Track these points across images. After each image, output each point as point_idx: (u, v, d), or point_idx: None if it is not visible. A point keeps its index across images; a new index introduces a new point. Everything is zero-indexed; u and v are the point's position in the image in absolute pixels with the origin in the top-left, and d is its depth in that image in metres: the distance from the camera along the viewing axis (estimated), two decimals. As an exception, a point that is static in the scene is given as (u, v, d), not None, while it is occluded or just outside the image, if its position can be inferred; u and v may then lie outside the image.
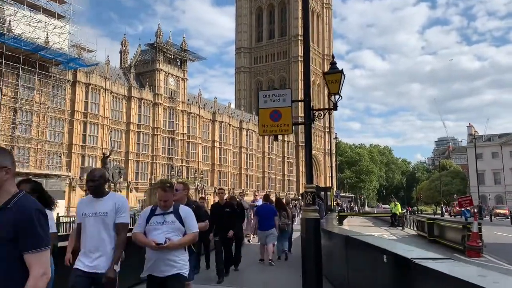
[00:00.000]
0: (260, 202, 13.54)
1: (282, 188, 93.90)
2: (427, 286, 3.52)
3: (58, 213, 22.66)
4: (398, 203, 27.14)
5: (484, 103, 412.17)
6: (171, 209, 4.15)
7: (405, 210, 30.60)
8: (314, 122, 6.31)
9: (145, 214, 4.22)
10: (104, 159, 39.75)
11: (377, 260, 4.80)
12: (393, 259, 4.36)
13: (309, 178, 6.24)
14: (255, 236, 13.83)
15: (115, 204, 3.97)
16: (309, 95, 6.42)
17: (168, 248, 3.96)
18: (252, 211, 14.43)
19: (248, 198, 78.83)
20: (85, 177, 40.12)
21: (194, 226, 4.17)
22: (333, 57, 6.66)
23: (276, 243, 11.09)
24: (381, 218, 33.93)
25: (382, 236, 19.15)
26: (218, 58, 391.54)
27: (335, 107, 6.54)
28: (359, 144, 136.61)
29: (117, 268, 3.85)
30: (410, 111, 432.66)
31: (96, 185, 4.04)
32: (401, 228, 24.64)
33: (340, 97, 6.49)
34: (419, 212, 47.40)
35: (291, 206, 16.66)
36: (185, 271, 4.08)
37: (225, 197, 9.89)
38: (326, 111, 6.78)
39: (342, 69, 6.38)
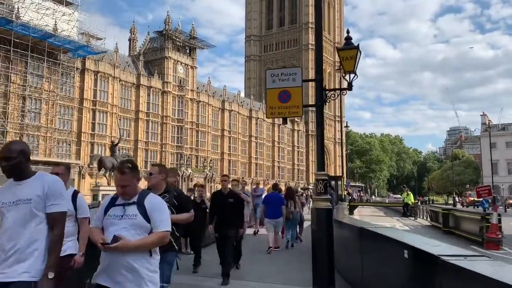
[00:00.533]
0: (262, 191, 13.18)
1: (292, 177, 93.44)
2: (460, 289, 3.00)
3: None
4: (410, 192, 26.53)
5: (497, 93, 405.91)
6: (134, 199, 3.05)
7: (417, 200, 29.94)
8: (326, 104, 5.75)
9: (105, 204, 3.15)
10: (113, 147, 39.46)
11: (396, 255, 4.29)
12: (416, 255, 3.84)
13: (320, 165, 5.72)
14: (262, 227, 13.72)
15: (44, 188, 2.90)
16: (321, 73, 5.87)
17: (118, 250, 2.85)
18: (252, 200, 14.04)
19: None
20: (94, 165, 39.89)
21: (162, 223, 3.00)
22: (347, 32, 6.06)
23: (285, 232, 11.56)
24: (393, 208, 33.33)
25: (394, 226, 18.62)
26: (228, 47, 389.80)
27: (350, 86, 5.98)
28: (369, 134, 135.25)
29: (51, 275, 2.76)
30: (421, 100, 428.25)
31: (13, 164, 2.90)
32: (413, 218, 24.06)
33: (356, 76, 5.92)
34: (431, 202, 46.67)
35: (298, 194, 15.76)
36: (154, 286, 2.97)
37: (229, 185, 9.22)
38: (339, 91, 6.20)
39: (358, 44, 5.80)
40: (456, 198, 52.74)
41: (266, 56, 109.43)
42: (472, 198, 45.71)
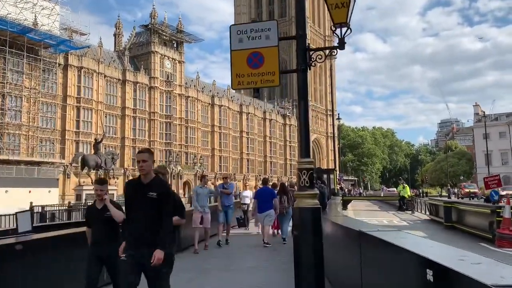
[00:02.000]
0: (231, 187, 11.99)
1: (284, 173, 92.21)
2: None
3: (69, 202, 21.08)
4: (406, 185, 25.30)
5: (486, 85, 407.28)
6: None
7: (413, 193, 28.73)
8: (311, 69, 4.37)
9: None
10: (96, 144, 37.81)
11: (413, 275, 2.96)
12: (448, 279, 2.47)
13: (305, 150, 4.36)
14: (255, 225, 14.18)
15: None
16: (304, 28, 4.50)
17: None
18: (219, 200, 11.12)
19: (252, 183, 77.40)
20: (76, 164, 38.13)
21: None
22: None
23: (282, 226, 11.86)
24: (388, 201, 32.14)
25: (392, 222, 17.37)
26: (218, 43, 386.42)
27: (341, 44, 4.59)
28: (361, 127, 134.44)
29: None
30: (411, 94, 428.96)
31: None
32: (410, 212, 22.85)
33: (349, 30, 4.54)
34: (425, 195, 45.67)
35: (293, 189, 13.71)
36: None
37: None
38: (329, 52, 4.77)
39: (352, -13, 4.41)
40: (451, 190, 51.71)
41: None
42: (467, 190, 44.66)
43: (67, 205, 31.44)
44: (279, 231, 12.41)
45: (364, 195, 60.48)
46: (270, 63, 4.43)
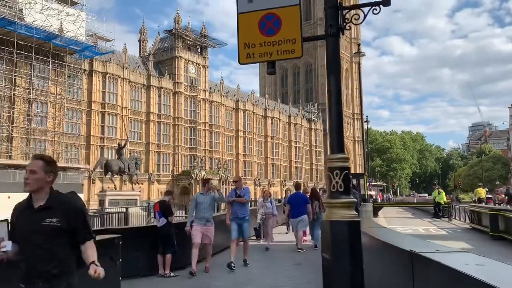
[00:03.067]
0: (248, 192, 9.17)
1: (310, 178, 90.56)
2: None
3: None
4: (442, 191, 23.58)
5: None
6: None
7: (450, 199, 26.89)
8: (343, 34, 3.24)
9: None
10: (119, 149, 37.41)
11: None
12: None
13: (337, 143, 3.24)
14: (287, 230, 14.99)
15: None
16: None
17: None
18: (228, 208, 9.73)
19: (275, 189, 76.14)
20: (99, 169, 37.86)
21: None
22: None
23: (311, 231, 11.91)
24: (421, 208, 30.37)
25: (429, 230, 15.91)
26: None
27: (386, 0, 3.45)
28: (390, 131, 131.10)
29: None
30: (441, 97, 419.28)
31: None
32: (447, 219, 21.21)
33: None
34: (457, 200, 43.38)
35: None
36: None
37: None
38: (370, 8, 3.56)
39: None
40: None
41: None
42: (503, 195, 42.16)
43: (94, 210, 31.06)
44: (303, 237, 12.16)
45: (393, 201, 58.32)
46: (289, 28, 3.33)
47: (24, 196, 2.94)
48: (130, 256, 7.31)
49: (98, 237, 5.99)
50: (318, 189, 17.01)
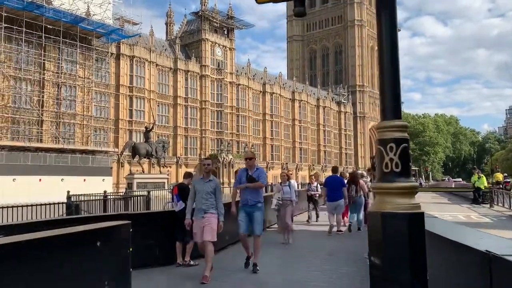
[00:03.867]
0: (263, 173, 7.52)
1: (339, 162, 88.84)
2: None
3: (105, 191, 20.12)
4: (482, 175, 22.17)
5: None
6: None
7: (491, 185, 25.31)
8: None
9: None
10: (146, 133, 37.26)
11: None
12: None
13: (391, 104, 2.34)
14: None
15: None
16: None
17: None
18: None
19: (303, 173, 75.19)
20: (127, 152, 37.76)
21: None
22: None
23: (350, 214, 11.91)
24: (457, 193, 28.87)
25: (470, 217, 14.75)
26: (271, 32, 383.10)
27: None
28: (422, 114, 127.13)
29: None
30: (475, 79, 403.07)
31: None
32: (488, 205, 19.85)
33: None
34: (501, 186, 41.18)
35: (366, 179, 12.40)
36: None
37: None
38: None
39: None
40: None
41: (309, 36, 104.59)
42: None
43: (122, 193, 31.10)
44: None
45: (426, 186, 56.36)
46: None
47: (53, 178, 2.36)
48: (143, 244, 6.64)
49: (102, 224, 5.38)
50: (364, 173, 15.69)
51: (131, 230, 5.31)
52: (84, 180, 40.03)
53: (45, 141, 42.90)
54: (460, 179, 61.54)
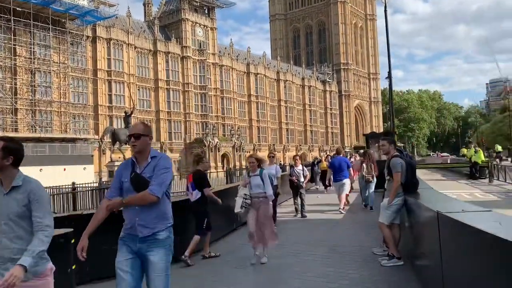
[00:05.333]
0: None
1: (325, 142, 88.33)
2: None
3: (73, 182, 18.55)
4: (479, 149, 21.36)
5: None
6: None
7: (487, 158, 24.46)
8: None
9: None
10: (126, 118, 35.53)
11: None
12: None
13: None
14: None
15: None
16: None
17: None
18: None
19: (290, 154, 74.36)
20: (106, 139, 36.10)
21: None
22: None
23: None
24: (450, 169, 28.14)
25: (474, 195, 13.83)
26: (253, 13, 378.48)
27: None
28: (406, 91, 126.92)
29: None
30: (455, 55, 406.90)
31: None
32: (486, 181, 19.06)
33: None
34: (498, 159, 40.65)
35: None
36: None
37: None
38: None
39: None
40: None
41: (292, 14, 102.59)
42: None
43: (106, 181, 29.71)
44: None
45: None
46: None
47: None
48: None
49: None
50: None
51: (73, 240, 4.02)
52: (64, 169, 38.43)
53: (21, 130, 40.92)
54: (448, 154, 61.31)
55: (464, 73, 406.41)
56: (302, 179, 10.71)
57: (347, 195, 11.90)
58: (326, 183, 16.18)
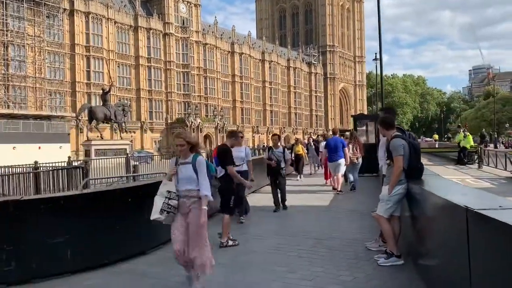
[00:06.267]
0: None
1: (310, 124, 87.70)
2: None
3: (36, 161, 17.09)
4: (468, 133, 20.75)
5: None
6: None
7: (476, 143, 23.94)
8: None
9: None
10: (104, 95, 34.07)
11: None
12: None
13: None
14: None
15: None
16: None
17: None
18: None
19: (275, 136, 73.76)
20: (82, 116, 34.49)
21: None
22: None
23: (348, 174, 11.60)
24: (437, 154, 27.66)
25: (465, 181, 13.17)
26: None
27: None
28: (391, 75, 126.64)
29: None
30: (440, 40, 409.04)
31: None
32: (476, 166, 18.50)
33: None
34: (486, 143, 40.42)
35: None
36: None
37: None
38: None
39: None
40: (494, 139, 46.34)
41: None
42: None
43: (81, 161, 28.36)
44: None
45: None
46: None
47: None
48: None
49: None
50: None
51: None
52: (39, 147, 36.86)
53: (-7, 106, 39.06)
54: (432, 139, 61.23)
55: (448, 59, 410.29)
56: (283, 164, 8.86)
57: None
58: (299, 170, 15.14)
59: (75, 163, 22.81)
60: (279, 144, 9.14)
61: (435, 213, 3.89)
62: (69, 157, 13.21)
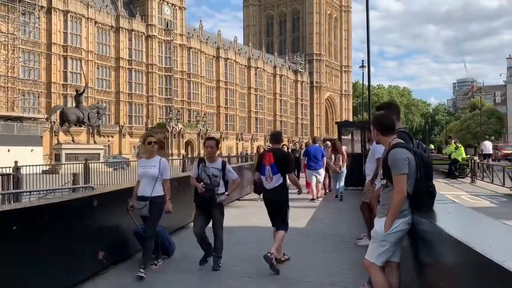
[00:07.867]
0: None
1: (295, 132, 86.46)
2: None
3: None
4: (460, 145, 19.52)
5: (502, 44, 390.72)
6: None
7: (469, 156, 22.69)
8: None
9: None
10: (77, 96, 32.38)
11: None
12: None
13: None
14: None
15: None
16: None
17: None
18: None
19: (259, 143, 72.23)
20: (53, 118, 32.45)
21: None
22: None
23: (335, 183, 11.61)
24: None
25: (460, 198, 11.79)
26: (227, 1, 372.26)
27: None
28: (377, 85, 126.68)
29: None
30: (424, 54, 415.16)
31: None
32: (467, 181, 17.24)
33: None
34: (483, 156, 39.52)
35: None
36: None
37: None
38: None
39: None
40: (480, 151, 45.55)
41: (266, 1, 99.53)
42: (506, 151, 38.75)
43: (53, 165, 26.42)
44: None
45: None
46: None
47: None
48: None
49: None
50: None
51: None
52: (9, 150, 34.70)
53: (-41, 106, 36.85)
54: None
55: (432, 72, 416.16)
56: (221, 189, 5.11)
57: (324, 184, 12.14)
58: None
59: (43, 168, 20.91)
60: (217, 155, 5.39)
61: (457, 265, 2.43)
62: (16, 162, 11.35)
